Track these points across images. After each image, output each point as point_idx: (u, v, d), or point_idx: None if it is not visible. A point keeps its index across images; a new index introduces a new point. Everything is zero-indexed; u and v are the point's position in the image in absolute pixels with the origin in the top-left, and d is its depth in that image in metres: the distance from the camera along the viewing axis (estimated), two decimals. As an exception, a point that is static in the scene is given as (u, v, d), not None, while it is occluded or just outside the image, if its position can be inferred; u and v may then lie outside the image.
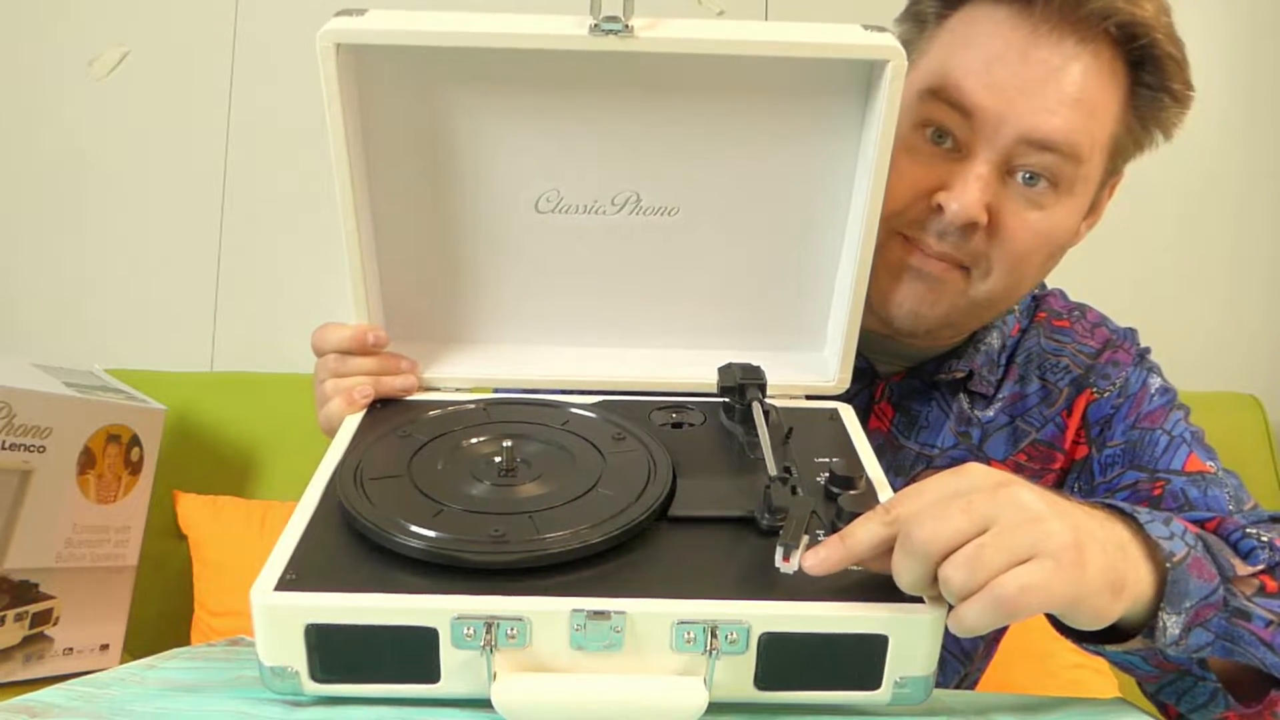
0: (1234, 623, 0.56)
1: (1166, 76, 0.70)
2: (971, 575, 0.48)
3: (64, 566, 1.35)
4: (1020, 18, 0.67)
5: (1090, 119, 0.68)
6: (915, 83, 0.71)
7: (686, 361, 0.74)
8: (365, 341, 0.69)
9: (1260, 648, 0.56)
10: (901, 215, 0.71)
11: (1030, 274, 0.74)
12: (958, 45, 0.70)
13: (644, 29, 0.60)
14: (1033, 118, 0.67)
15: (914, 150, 0.71)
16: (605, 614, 0.48)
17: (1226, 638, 0.56)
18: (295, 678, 0.50)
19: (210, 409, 1.67)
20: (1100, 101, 0.69)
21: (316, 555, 0.52)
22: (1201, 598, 0.55)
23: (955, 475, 0.52)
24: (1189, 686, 0.62)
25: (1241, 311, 1.87)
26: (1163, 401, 0.79)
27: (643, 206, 0.70)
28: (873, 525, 0.51)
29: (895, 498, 0.52)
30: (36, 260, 1.80)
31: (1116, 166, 0.74)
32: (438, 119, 0.67)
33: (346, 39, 0.61)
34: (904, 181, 0.70)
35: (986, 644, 0.88)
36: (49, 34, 1.76)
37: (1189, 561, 0.54)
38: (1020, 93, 0.67)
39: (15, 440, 1.26)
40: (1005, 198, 0.70)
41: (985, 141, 0.68)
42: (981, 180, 0.68)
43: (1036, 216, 0.70)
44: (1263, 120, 1.83)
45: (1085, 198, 0.73)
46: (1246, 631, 0.56)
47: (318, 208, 1.76)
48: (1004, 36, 0.68)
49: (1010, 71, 0.67)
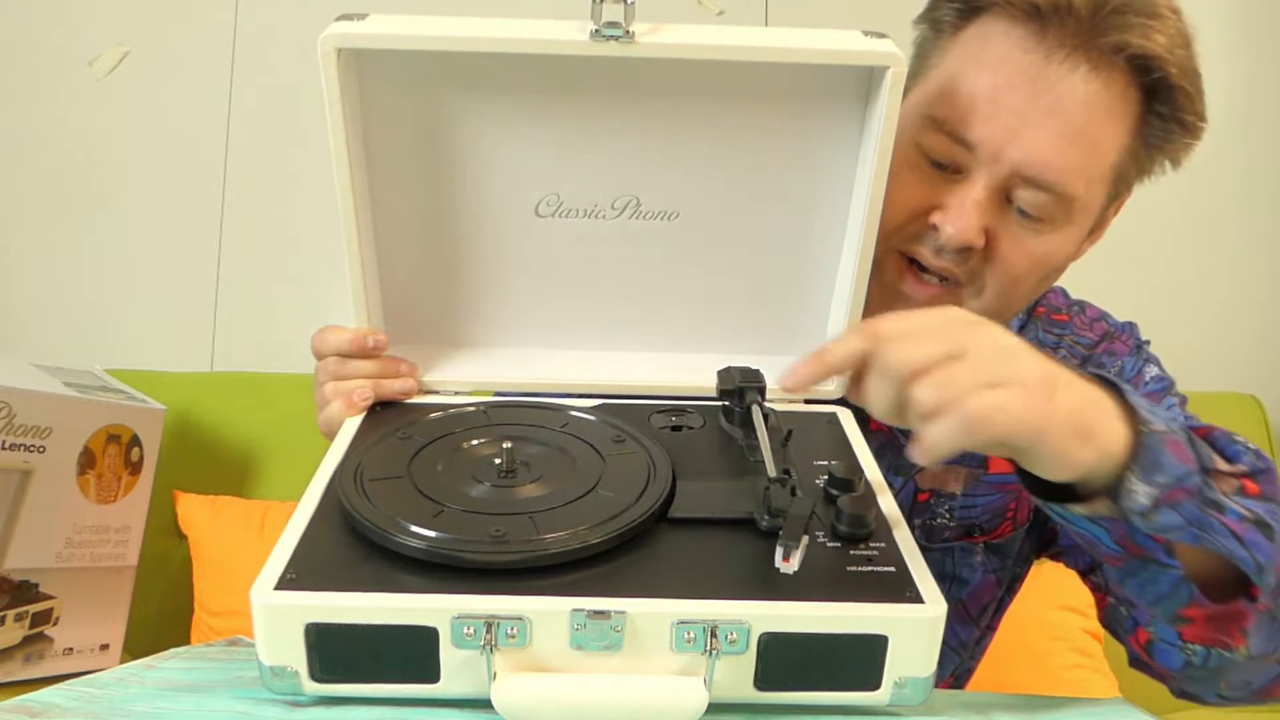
0: (1206, 511, 0.56)
1: (1178, 108, 0.69)
2: (941, 394, 0.50)
3: (64, 566, 1.35)
4: (1034, 40, 0.66)
5: (1090, 154, 0.68)
6: (921, 99, 0.71)
7: (686, 365, 0.74)
8: (365, 345, 0.69)
9: (1230, 539, 0.56)
10: (899, 232, 0.71)
11: (1023, 294, 0.74)
12: (968, 64, 0.69)
13: (645, 35, 0.60)
14: (1031, 152, 0.67)
15: (914, 165, 0.71)
16: (605, 614, 0.48)
17: (1197, 524, 0.55)
18: (295, 677, 0.50)
19: (210, 409, 1.67)
20: (1105, 133, 0.68)
21: (316, 555, 0.52)
22: (1175, 478, 0.54)
23: (937, 310, 0.54)
24: (1153, 575, 0.62)
25: (1241, 312, 1.87)
26: (1157, 389, 0.79)
27: (643, 211, 0.70)
28: (850, 339, 0.53)
29: (875, 319, 0.54)
30: (36, 260, 1.80)
31: (1120, 190, 0.74)
32: (438, 123, 0.67)
33: (348, 44, 0.61)
34: (902, 199, 0.70)
35: (983, 631, 0.89)
36: (49, 34, 1.76)
37: (1167, 438, 0.55)
38: (1024, 124, 0.66)
39: (15, 440, 1.26)
40: (1002, 221, 0.70)
41: (983, 169, 0.68)
42: (979, 206, 0.68)
43: (1034, 242, 0.70)
44: (1263, 120, 1.83)
45: (1085, 225, 0.73)
46: (1218, 522, 0.56)
47: (318, 208, 1.76)
48: (1015, 61, 0.67)
49: (1016, 100, 0.66)
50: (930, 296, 0.72)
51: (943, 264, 0.71)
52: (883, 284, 0.72)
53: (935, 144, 0.69)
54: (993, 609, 0.87)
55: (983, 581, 0.84)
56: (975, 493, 0.81)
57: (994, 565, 0.83)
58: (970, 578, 0.83)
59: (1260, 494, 0.59)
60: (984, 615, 0.86)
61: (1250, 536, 0.57)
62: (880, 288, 0.72)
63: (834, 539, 0.54)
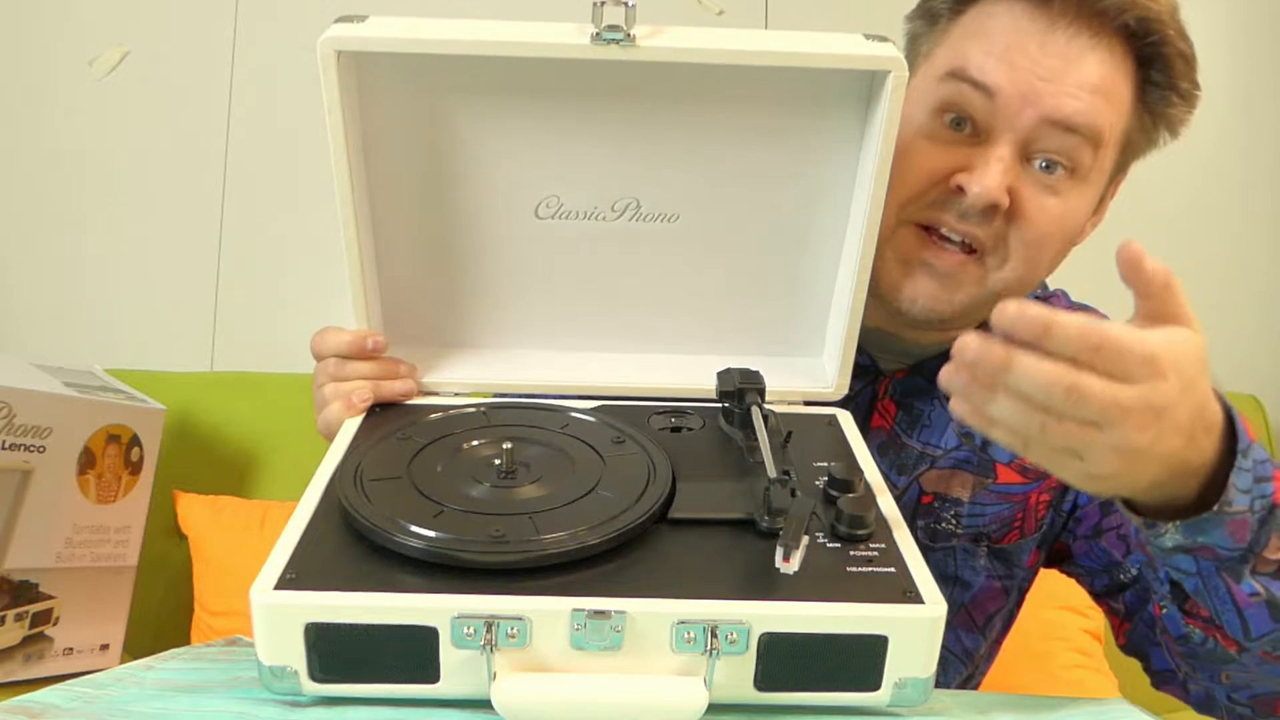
0: (1220, 574, 0.58)
1: (1175, 74, 0.70)
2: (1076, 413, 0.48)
3: (64, 566, 1.36)
4: (1037, 11, 0.68)
5: (1109, 105, 0.69)
6: (933, 69, 0.72)
7: (686, 367, 0.74)
8: (364, 346, 0.69)
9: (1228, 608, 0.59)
10: (919, 200, 0.71)
11: (1044, 262, 0.75)
12: (975, 35, 0.71)
13: (646, 38, 0.60)
14: (1055, 99, 0.68)
15: (933, 136, 0.71)
16: (605, 613, 0.48)
17: (1203, 578, 0.58)
18: (294, 677, 0.50)
19: (210, 409, 1.67)
20: (1117, 91, 0.70)
21: (316, 555, 0.52)
22: (1214, 544, 0.56)
23: (1178, 344, 0.51)
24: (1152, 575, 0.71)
25: (1240, 312, 1.87)
26: None
27: (643, 213, 0.70)
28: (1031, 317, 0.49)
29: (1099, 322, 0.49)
30: (36, 260, 1.80)
31: (1125, 162, 0.75)
32: (438, 126, 0.67)
33: (347, 46, 0.61)
34: (923, 166, 0.70)
35: (990, 644, 0.89)
36: (49, 34, 1.76)
37: (1234, 519, 0.56)
38: (1041, 79, 0.68)
39: (15, 440, 1.26)
40: (1024, 183, 0.70)
41: (1006, 123, 0.69)
42: (1003, 162, 0.69)
43: (1054, 203, 0.71)
44: (1262, 119, 1.83)
45: (1098, 187, 0.74)
46: (1224, 588, 0.58)
47: (318, 208, 1.76)
48: (1021, 29, 0.69)
49: (1029, 59, 0.68)
50: (954, 264, 0.72)
51: (967, 227, 0.71)
52: (899, 257, 0.73)
53: (956, 94, 0.70)
54: (1000, 622, 0.87)
55: (987, 587, 0.84)
56: (983, 501, 0.82)
57: (999, 571, 0.83)
58: (973, 581, 0.83)
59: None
60: (990, 626, 0.86)
61: (1252, 611, 0.59)
62: (897, 261, 0.73)
63: (834, 539, 0.54)
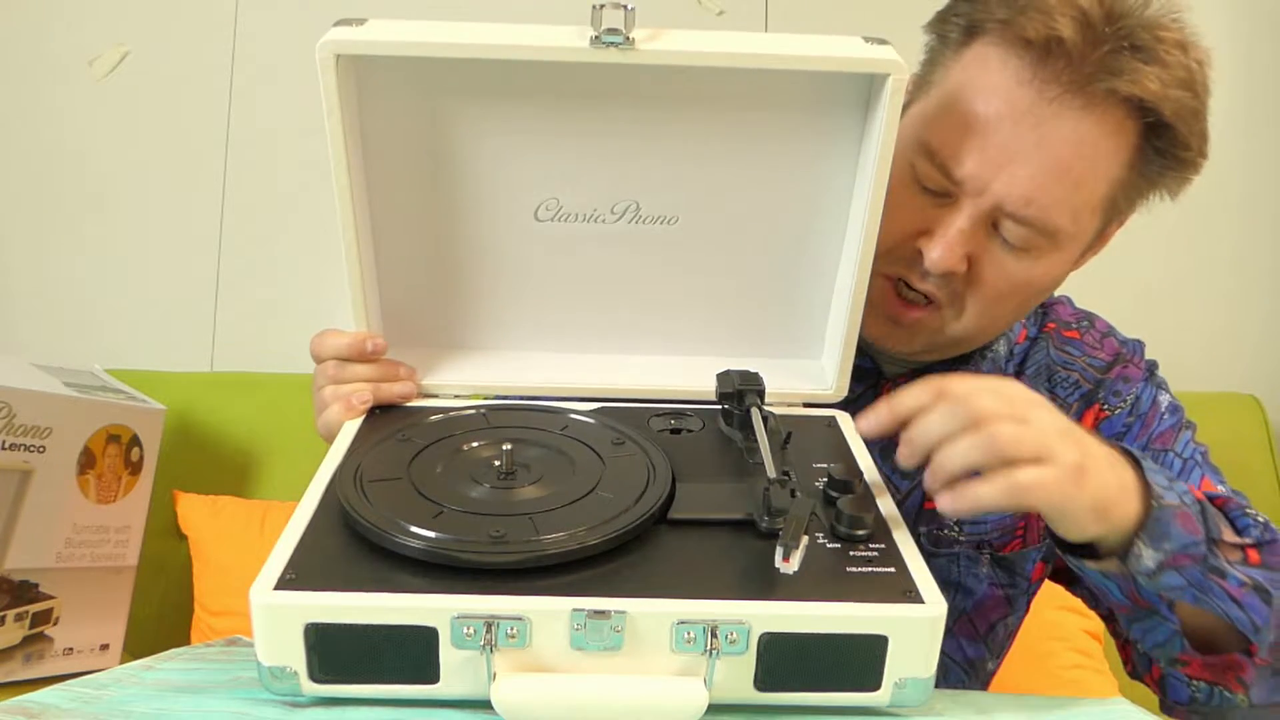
0: (1209, 577, 0.61)
1: (1175, 144, 0.69)
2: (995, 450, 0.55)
3: (64, 566, 1.35)
4: (1029, 73, 0.67)
5: (1075, 190, 0.69)
6: (919, 118, 0.71)
7: (685, 369, 0.74)
8: (364, 348, 0.69)
9: (1229, 603, 0.61)
10: (888, 255, 0.72)
11: (1006, 315, 0.76)
12: (964, 89, 0.69)
13: (645, 41, 0.60)
14: (1014, 188, 0.68)
15: (906, 186, 0.71)
16: (605, 614, 0.48)
17: (1198, 587, 0.61)
18: (294, 678, 0.50)
19: (210, 409, 1.67)
20: (1093, 169, 0.69)
21: (316, 555, 0.52)
22: (1181, 546, 0.59)
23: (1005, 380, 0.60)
24: (1154, 625, 0.68)
25: (1242, 312, 1.87)
26: (1172, 422, 0.81)
27: (642, 215, 0.70)
28: (919, 391, 0.59)
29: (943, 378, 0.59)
30: (36, 260, 1.80)
31: (1116, 215, 0.74)
32: (438, 129, 0.67)
33: (346, 49, 0.61)
34: (895, 221, 0.70)
35: (993, 658, 0.89)
36: (49, 34, 1.76)
37: (1177, 511, 0.59)
38: (1010, 159, 0.67)
39: (15, 440, 1.26)
40: (986, 248, 0.71)
41: (969, 200, 0.69)
42: (963, 235, 0.69)
43: (1017, 267, 0.72)
44: (1265, 120, 1.83)
45: (1075, 250, 0.74)
46: (1219, 586, 0.61)
47: (317, 208, 1.76)
48: (1008, 92, 0.67)
49: (1005, 134, 0.67)
50: (914, 318, 0.74)
51: (927, 287, 0.73)
52: (870, 302, 0.73)
53: (926, 172, 0.70)
54: (1002, 632, 0.87)
55: (989, 596, 0.83)
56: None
57: (1001, 580, 0.83)
58: (975, 588, 0.83)
59: (1262, 563, 0.64)
60: (993, 636, 0.86)
61: (1248, 600, 0.62)
62: (868, 304, 0.73)
63: (833, 540, 0.55)
